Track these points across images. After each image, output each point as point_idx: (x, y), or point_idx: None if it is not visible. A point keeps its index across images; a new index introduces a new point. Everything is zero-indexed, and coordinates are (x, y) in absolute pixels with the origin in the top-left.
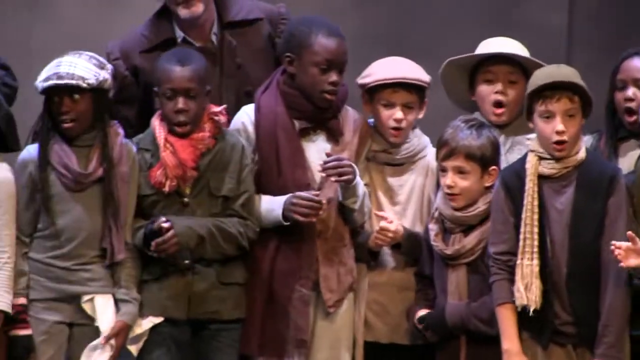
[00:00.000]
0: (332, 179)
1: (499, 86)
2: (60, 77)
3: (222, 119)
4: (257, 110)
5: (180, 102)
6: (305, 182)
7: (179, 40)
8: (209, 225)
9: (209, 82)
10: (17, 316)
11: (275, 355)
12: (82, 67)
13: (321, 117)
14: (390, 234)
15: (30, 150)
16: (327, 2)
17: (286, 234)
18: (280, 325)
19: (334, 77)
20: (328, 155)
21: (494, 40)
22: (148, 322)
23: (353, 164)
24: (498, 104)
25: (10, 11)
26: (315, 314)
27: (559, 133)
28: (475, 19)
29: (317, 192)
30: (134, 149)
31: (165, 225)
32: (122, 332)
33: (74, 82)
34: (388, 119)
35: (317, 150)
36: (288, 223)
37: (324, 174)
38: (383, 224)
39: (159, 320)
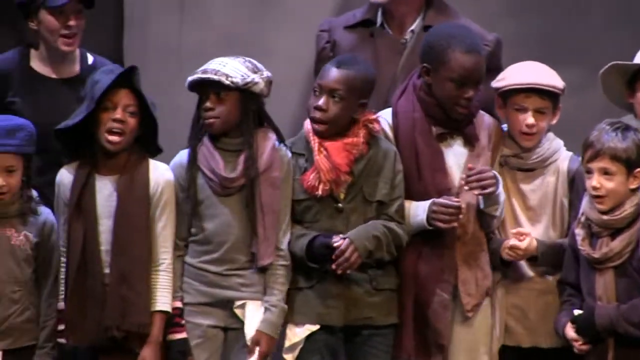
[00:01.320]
0: (475, 192)
1: None
2: (205, 72)
3: (377, 127)
4: (395, 115)
5: (321, 100)
6: (446, 186)
7: (377, 24)
8: (379, 226)
9: (366, 96)
10: (172, 320)
11: (426, 359)
12: (231, 67)
13: (457, 123)
14: (520, 252)
15: (182, 155)
16: (482, 7)
17: (428, 239)
18: (425, 329)
19: (469, 92)
20: (470, 168)
21: None
22: (304, 331)
23: (496, 174)
24: None
25: (160, 15)
26: (452, 318)
27: None
28: (630, 23)
29: (458, 199)
30: (289, 154)
31: (340, 242)
32: (263, 341)
33: (216, 77)
34: (520, 123)
35: (454, 155)
36: (432, 228)
37: (466, 187)
38: (513, 242)
39: (315, 328)
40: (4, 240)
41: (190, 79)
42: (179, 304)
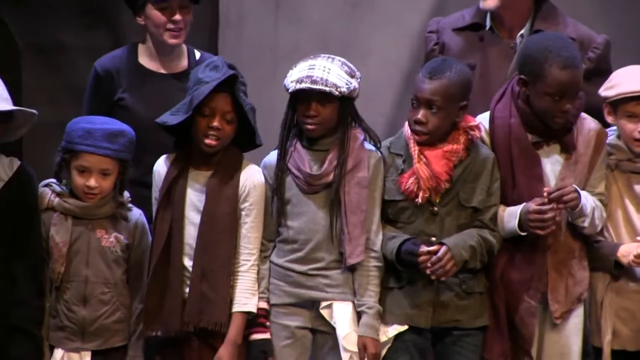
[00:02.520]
0: (559, 207)
1: None
2: (314, 81)
3: (477, 134)
4: (492, 121)
5: (420, 113)
6: (540, 194)
7: (486, 28)
8: (474, 235)
9: (465, 97)
10: (256, 320)
11: None
12: (335, 74)
13: (554, 132)
14: None
15: (273, 156)
16: (577, 9)
17: (518, 244)
18: (514, 334)
19: (566, 105)
20: (549, 193)
21: None
22: (392, 330)
23: (577, 188)
24: None
25: (255, 14)
26: (543, 326)
27: None
28: None
29: (550, 206)
30: (378, 154)
31: (436, 247)
32: (369, 345)
33: (327, 89)
34: (632, 131)
35: (550, 162)
36: (524, 234)
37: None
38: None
39: (403, 328)
40: (94, 241)
41: (298, 86)
42: (264, 305)
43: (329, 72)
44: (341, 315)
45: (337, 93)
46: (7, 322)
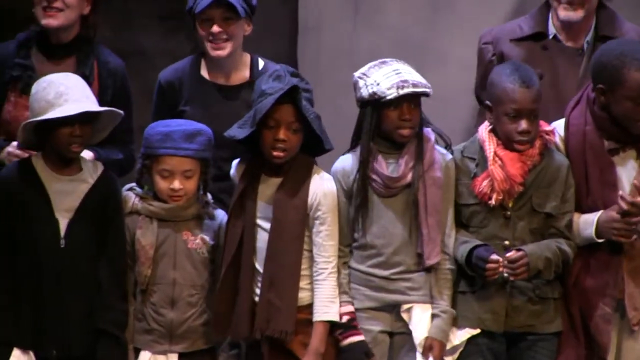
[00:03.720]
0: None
1: None
2: (415, 85)
3: (552, 138)
4: (567, 128)
5: (525, 123)
6: (614, 202)
7: (550, 36)
8: (552, 246)
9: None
10: (350, 323)
11: None
12: (418, 76)
13: (633, 138)
14: None
15: (345, 161)
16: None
17: (593, 251)
18: (589, 341)
19: None
20: (624, 198)
21: None
22: (465, 334)
23: None
24: None
25: (334, 20)
26: (620, 333)
27: None
28: None
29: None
30: (448, 156)
31: (513, 253)
32: (435, 347)
33: (428, 90)
34: None
35: (626, 169)
36: (601, 240)
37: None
38: None
39: (476, 332)
40: (180, 243)
41: (402, 92)
42: (352, 308)
43: (415, 74)
44: (420, 318)
45: (430, 92)
46: (94, 325)
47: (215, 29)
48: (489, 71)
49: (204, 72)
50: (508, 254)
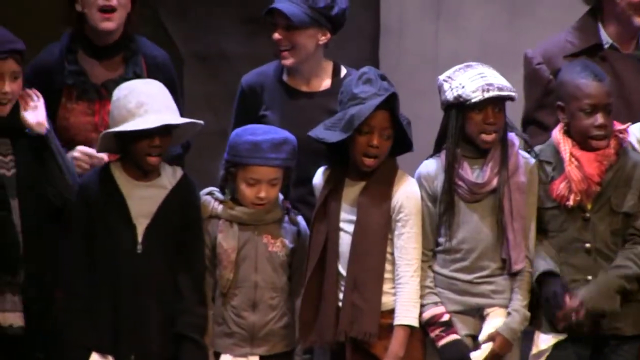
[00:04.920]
0: None
1: None
2: (500, 88)
3: (626, 136)
4: None
5: (601, 118)
6: None
7: (606, 46)
8: (614, 282)
9: None
10: (447, 321)
11: None
12: (503, 80)
13: None
14: None
15: (428, 166)
16: None
17: None
18: None
19: None
20: None
21: None
22: (551, 338)
23: None
24: None
25: (416, 23)
26: None
27: None
28: None
29: None
30: (531, 160)
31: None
32: (497, 341)
33: (513, 94)
34: None
35: None
36: None
37: None
38: None
39: (562, 337)
40: (261, 247)
41: (487, 95)
42: (442, 308)
43: (500, 78)
44: (494, 319)
45: (515, 96)
46: (173, 330)
47: (276, 36)
48: (549, 90)
49: (287, 78)
50: (566, 301)
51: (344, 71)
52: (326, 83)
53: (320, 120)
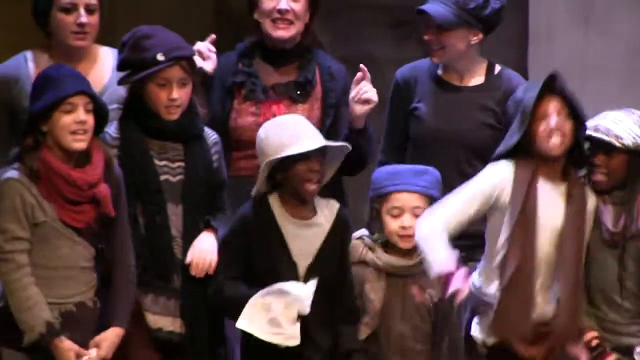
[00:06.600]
0: None
1: None
2: (597, 130)
3: None
4: None
5: None
6: None
7: None
8: None
9: None
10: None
11: None
12: (624, 127)
13: None
14: None
15: None
16: None
17: None
18: None
19: None
20: None
21: None
22: None
23: None
24: None
25: (564, 28)
26: None
27: None
28: None
29: None
30: None
31: None
32: None
33: (607, 138)
34: None
35: None
36: None
37: None
38: None
39: None
40: (409, 298)
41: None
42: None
43: (619, 123)
44: None
45: (618, 144)
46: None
47: (427, 37)
48: None
49: (441, 72)
50: None
51: (497, 68)
52: (481, 78)
53: (471, 114)
